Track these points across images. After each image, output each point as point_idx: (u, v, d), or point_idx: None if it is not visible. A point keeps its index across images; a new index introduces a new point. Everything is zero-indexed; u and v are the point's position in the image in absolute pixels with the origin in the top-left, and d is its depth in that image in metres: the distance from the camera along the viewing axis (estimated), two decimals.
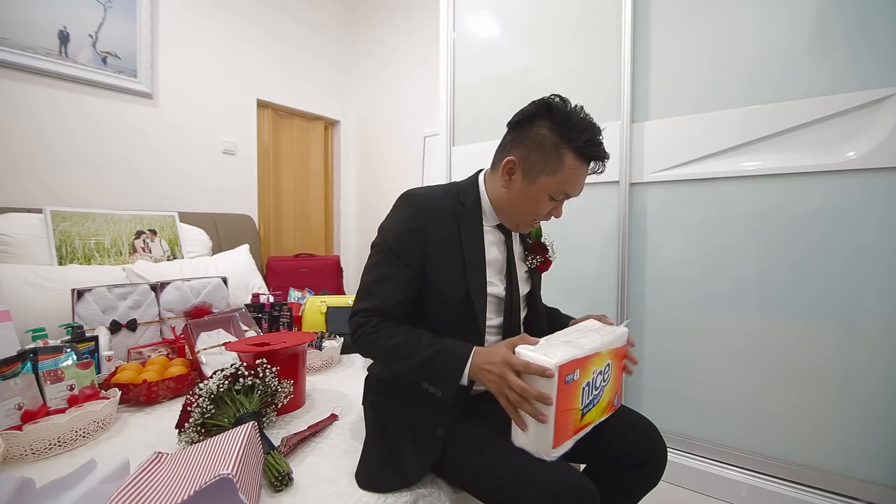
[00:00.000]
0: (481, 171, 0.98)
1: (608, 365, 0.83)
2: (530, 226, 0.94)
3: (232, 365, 1.01)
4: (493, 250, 0.93)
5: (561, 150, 0.82)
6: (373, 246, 0.92)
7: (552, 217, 0.92)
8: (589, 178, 0.89)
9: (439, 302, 0.89)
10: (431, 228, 0.87)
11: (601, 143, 0.84)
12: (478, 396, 0.89)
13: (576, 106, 0.85)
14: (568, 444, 0.76)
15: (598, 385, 0.81)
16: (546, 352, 0.73)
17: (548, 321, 1.06)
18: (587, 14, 1.70)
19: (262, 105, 2.91)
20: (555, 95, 0.85)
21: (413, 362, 0.81)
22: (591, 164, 0.87)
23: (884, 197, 1.23)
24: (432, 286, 0.88)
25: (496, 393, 0.75)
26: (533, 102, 0.87)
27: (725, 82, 1.44)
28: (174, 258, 2.13)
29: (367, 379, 1.06)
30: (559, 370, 0.70)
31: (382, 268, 0.88)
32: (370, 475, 0.83)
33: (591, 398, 0.79)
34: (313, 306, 1.89)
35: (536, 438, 0.73)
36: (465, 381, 0.78)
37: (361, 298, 0.89)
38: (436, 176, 2.18)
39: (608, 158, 0.87)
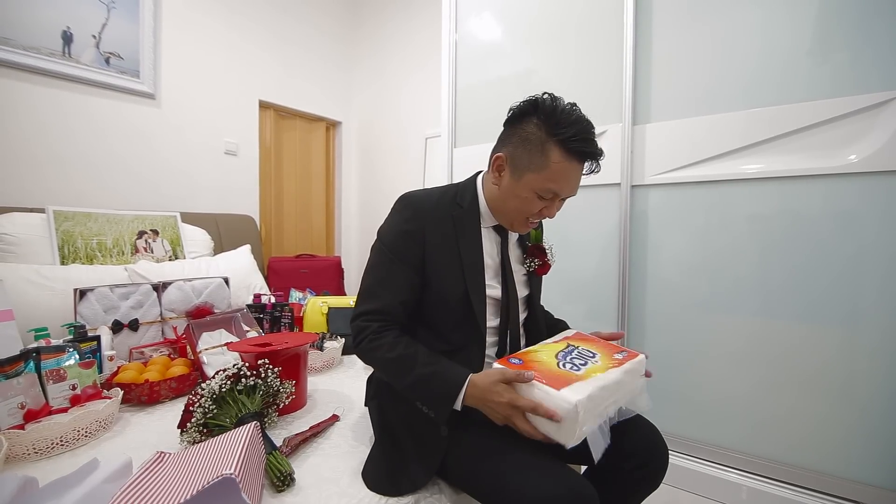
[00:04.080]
0: (481, 171, 0.98)
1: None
2: (525, 226, 0.90)
3: (234, 365, 1.01)
4: (489, 252, 0.93)
5: (546, 147, 0.80)
6: (372, 249, 0.93)
7: (545, 217, 0.89)
8: (590, 180, 0.88)
9: (439, 303, 0.89)
10: (428, 230, 0.88)
11: (590, 139, 0.81)
12: None
13: (567, 103, 0.83)
14: (581, 388, 0.71)
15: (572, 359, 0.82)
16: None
17: (546, 324, 1.05)
18: (589, 16, 1.71)
19: (264, 106, 2.92)
20: (546, 93, 0.84)
21: (408, 381, 0.81)
22: (586, 163, 0.83)
23: (885, 200, 1.23)
24: (432, 287, 0.89)
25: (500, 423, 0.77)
26: (524, 100, 0.85)
27: (727, 85, 1.44)
28: (176, 258, 2.13)
29: (370, 380, 1.06)
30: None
31: (382, 269, 0.89)
32: (379, 479, 0.83)
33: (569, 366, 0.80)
34: (314, 307, 1.89)
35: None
36: (458, 407, 0.78)
37: (363, 301, 0.90)
38: (437, 177, 2.18)
39: (601, 155, 0.83)
